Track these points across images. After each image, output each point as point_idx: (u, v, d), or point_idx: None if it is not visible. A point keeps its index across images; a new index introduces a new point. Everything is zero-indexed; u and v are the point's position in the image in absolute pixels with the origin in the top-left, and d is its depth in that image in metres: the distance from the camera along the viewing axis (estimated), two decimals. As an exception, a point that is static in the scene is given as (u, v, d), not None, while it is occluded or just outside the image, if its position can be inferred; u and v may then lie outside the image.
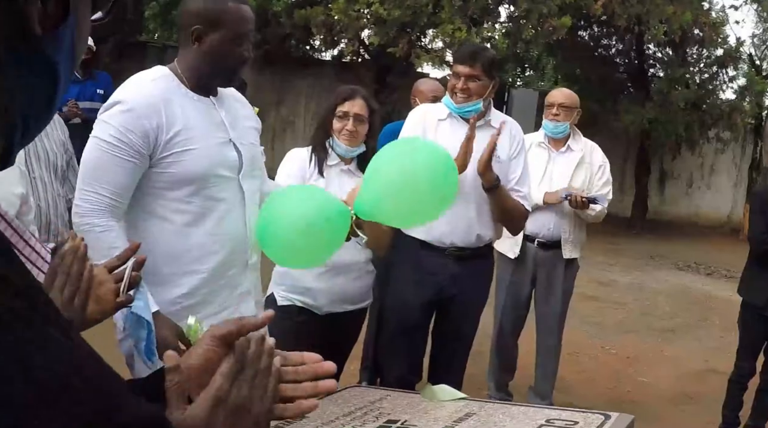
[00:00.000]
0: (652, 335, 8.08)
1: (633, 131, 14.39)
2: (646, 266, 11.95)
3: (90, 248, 2.47)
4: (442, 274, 4.12)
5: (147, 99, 2.74)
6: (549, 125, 5.19)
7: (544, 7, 12.41)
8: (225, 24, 2.79)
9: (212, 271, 2.88)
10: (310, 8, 13.64)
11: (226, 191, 2.89)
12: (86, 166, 2.75)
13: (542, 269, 5.23)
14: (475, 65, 4.01)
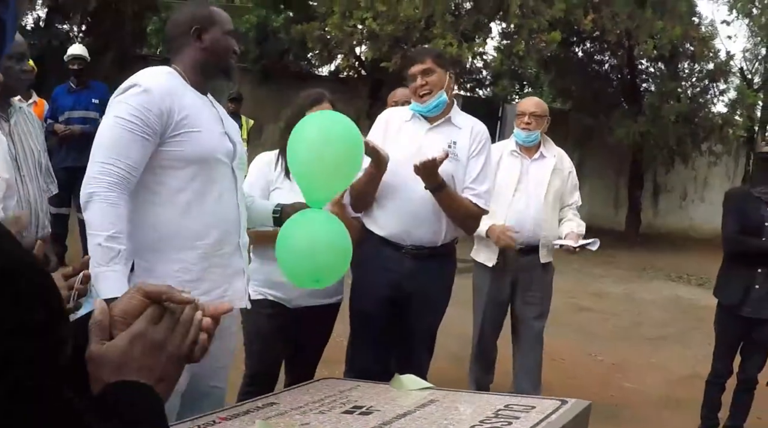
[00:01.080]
0: (641, 343, 8.16)
1: (626, 145, 14.48)
2: (639, 278, 12.05)
3: (92, 218, 2.76)
4: (399, 271, 4.17)
5: (161, 84, 2.99)
6: (521, 134, 5.19)
7: (534, 23, 12.55)
8: (217, 21, 3.18)
9: (208, 248, 3.06)
10: (307, 23, 13.78)
11: (222, 175, 3.12)
12: (104, 141, 2.91)
13: (522, 274, 5.25)
14: (425, 60, 4.16)
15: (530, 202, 5.15)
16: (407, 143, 4.16)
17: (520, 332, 5.43)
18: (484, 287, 5.32)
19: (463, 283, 9.27)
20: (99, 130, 2.98)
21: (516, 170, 5.18)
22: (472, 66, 15.81)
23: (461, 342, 7.39)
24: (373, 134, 4.30)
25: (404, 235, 4.19)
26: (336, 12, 13.08)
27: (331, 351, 4.66)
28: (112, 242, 2.78)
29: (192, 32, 3.12)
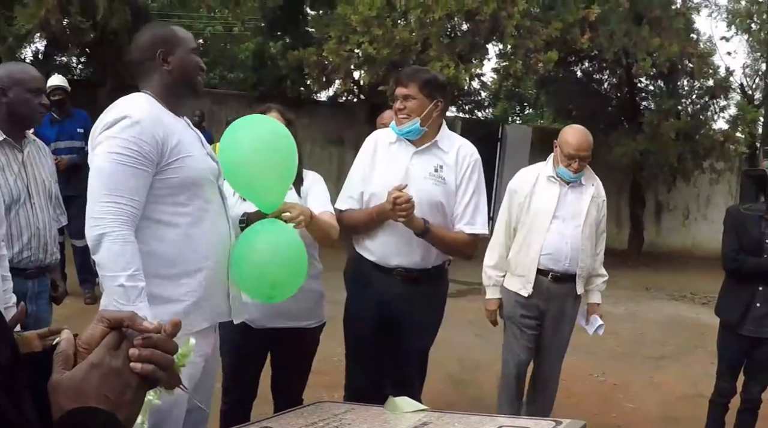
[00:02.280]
0: (642, 362, 8.08)
1: (625, 163, 14.42)
2: (641, 297, 11.96)
3: (107, 260, 2.74)
4: (389, 294, 4.19)
5: (149, 112, 2.98)
6: (567, 174, 4.93)
7: (530, 42, 12.56)
8: (180, 40, 3.16)
9: (211, 268, 3.10)
10: (303, 49, 13.79)
11: (213, 195, 3.16)
12: (101, 179, 2.88)
13: (553, 303, 5.08)
14: (410, 85, 4.15)
15: (567, 230, 4.98)
16: (394, 167, 4.18)
17: (543, 362, 5.29)
18: (516, 317, 5.12)
19: (463, 305, 9.27)
20: (93, 167, 2.94)
21: (554, 196, 4.97)
22: (469, 88, 15.81)
23: (460, 365, 7.36)
24: (362, 155, 4.34)
25: (393, 259, 4.20)
26: (332, 37, 13.09)
27: (332, 374, 4.63)
28: (134, 281, 2.79)
29: (158, 56, 3.10)
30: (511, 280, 5.11)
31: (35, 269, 4.04)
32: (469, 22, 13.19)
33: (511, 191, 5.13)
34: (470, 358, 7.55)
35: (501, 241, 5.12)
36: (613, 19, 13.26)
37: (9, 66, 4.17)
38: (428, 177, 4.16)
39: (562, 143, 4.95)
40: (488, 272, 5.16)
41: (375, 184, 4.19)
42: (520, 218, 5.03)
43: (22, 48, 14.90)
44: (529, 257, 4.98)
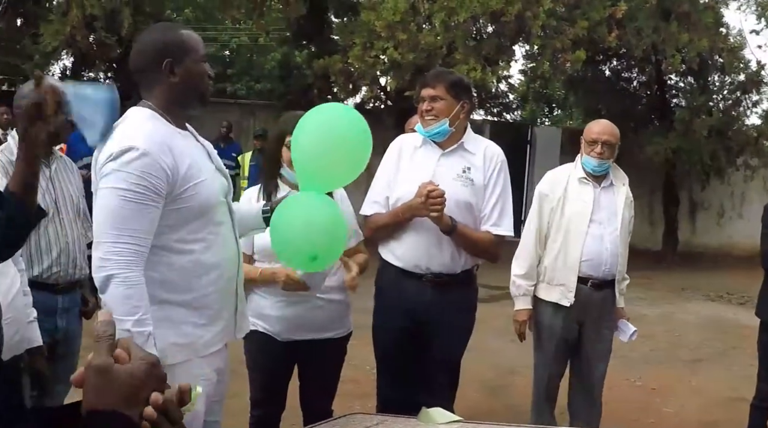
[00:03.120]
0: (679, 365, 7.93)
1: (657, 162, 14.22)
2: (677, 299, 11.77)
3: (114, 303, 2.62)
4: (419, 301, 4.12)
5: (156, 140, 2.77)
6: (592, 163, 4.79)
7: (557, 42, 12.42)
8: (189, 48, 2.91)
9: (221, 289, 3.00)
10: (329, 57, 13.75)
11: (223, 215, 3.01)
12: (106, 217, 2.73)
13: (593, 311, 4.89)
14: (437, 86, 4.10)
15: (605, 234, 4.81)
16: (420, 170, 4.11)
17: (583, 373, 5.09)
18: (556, 327, 4.91)
19: (497, 311, 9.16)
20: (98, 203, 2.76)
21: (589, 198, 4.82)
22: (497, 90, 15.71)
23: (495, 371, 7.25)
24: (387, 160, 4.29)
25: (422, 264, 4.14)
26: (357, 44, 13.03)
27: (365, 383, 4.56)
28: (140, 326, 2.67)
29: (164, 67, 2.86)
30: (548, 290, 4.90)
31: (65, 284, 4.04)
32: (494, 24, 13.08)
33: (541, 196, 4.95)
34: (505, 364, 7.44)
35: (531, 249, 4.92)
36: (641, 16, 13.11)
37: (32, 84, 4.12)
38: (456, 178, 4.10)
39: (585, 133, 4.88)
40: (517, 282, 4.95)
41: (401, 187, 4.13)
42: (553, 224, 4.86)
43: (50, 65, 14.99)
44: (568, 265, 4.80)
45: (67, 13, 13.23)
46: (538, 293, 4.94)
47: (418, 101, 4.21)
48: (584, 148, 4.86)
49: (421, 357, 4.24)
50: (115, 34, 13.55)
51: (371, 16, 12.83)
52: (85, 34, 13.35)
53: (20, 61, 13.89)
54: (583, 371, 5.09)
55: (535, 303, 4.94)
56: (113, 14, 13.24)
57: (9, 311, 2.94)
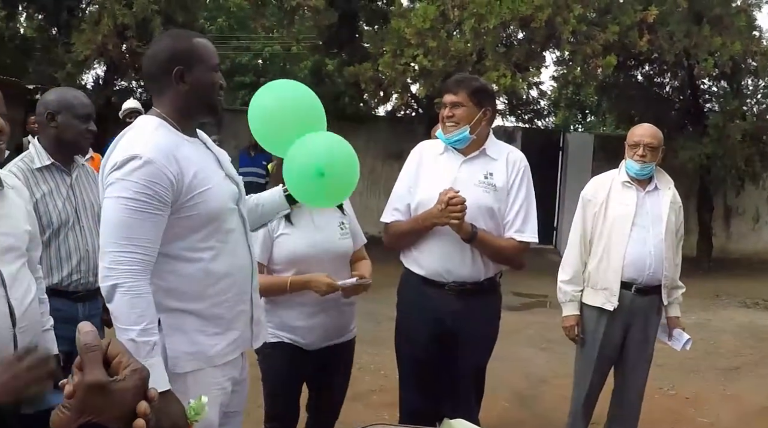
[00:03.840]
0: (714, 374, 7.80)
1: (691, 168, 14.06)
2: (712, 306, 11.63)
3: (120, 313, 2.62)
4: (443, 310, 4.09)
5: (161, 148, 2.76)
6: (635, 167, 4.76)
7: (588, 48, 12.32)
8: (200, 57, 2.90)
9: (232, 298, 2.97)
10: (359, 65, 13.75)
11: (233, 222, 2.99)
12: (112, 227, 2.73)
13: (638, 318, 4.85)
14: (459, 92, 4.06)
15: (649, 238, 4.77)
16: (442, 177, 4.08)
17: (629, 382, 5.03)
18: (599, 334, 4.88)
19: (528, 319, 9.12)
20: (104, 211, 2.78)
21: (632, 202, 4.77)
22: (528, 97, 15.63)
23: (527, 380, 7.19)
24: (407, 168, 4.27)
25: (445, 272, 4.10)
26: (387, 51, 13.02)
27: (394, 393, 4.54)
28: (146, 336, 2.67)
29: (174, 74, 2.86)
30: (593, 295, 4.87)
31: (85, 292, 4.03)
32: (524, 30, 13.02)
33: (584, 201, 4.93)
34: (536, 374, 7.37)
35: (576, 254, 4.91)
36: (672, 20, 12.97)
37: (60, 91, 4.16)
38: (478, 184, 4.06)
39: (627, 138, 4.87)
40: (564, 288, 4.95)
41: (422, 193, 4.11)
42: (596, 228, 4.84)
43: (82, 74, 15.13)
44: (611, 269, 4.77)
45: (99, 23, 13.36)
46: (583, 298, 4.92)
47: (442, 107, 4.17)
48: (627, 152, 4.84)
49: (445, 367, 4.20)
50: (147, 43, 13.63)
51: (401, 24, 12.82)
52: (117, 43, 13.47)
53: (53, 70, 14.03)
54: (624, 380, 5.04)
55: (580, 309, 4.92)
56: (144, 23, 13.34)
57: (24, 319, 2.90)
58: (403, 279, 4.32)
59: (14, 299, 2.89)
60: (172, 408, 2.62)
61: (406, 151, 3.74)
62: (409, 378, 4.31)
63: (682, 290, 5.01)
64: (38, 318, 3.11)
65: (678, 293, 4.99)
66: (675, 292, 4.96)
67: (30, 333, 2.97)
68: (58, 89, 4.23)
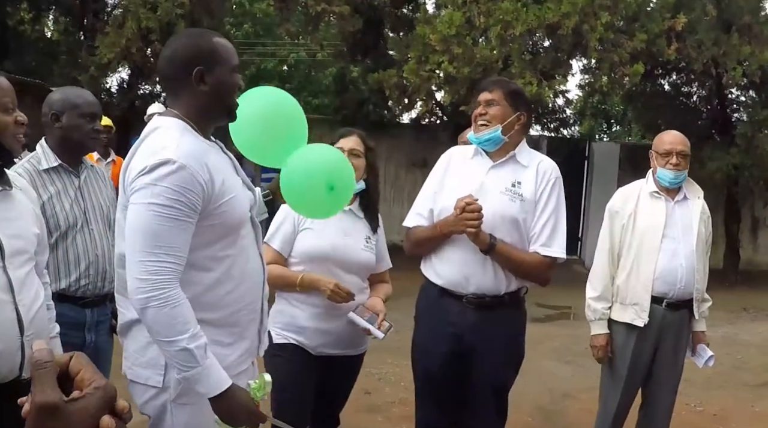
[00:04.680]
0: (743, 390, 7.64)
1: (719, 178, 13.88)
2: (739, 319, 11.46)
3: (160, 326, 2.57)
4: (460, 323, 3.92)
5: (193, 153, 2.67)
6: (668, 175, 4.61)
7: (615, 56, 12.20)
8: (221, 57, 2.80)
9: (246, 308, 2.93)
10: (383, 71, 13.69)
11: (248, 231, 2.95)
12: (142, 234, 2.61)
13: (669, 334, 4.69)
14: (494, 90, 3.94)
15: (680, 249, 4.62)
16: (468, 181, 3.93)
17: (658, 400, 4.86)
18: (628, 351, 4.71)
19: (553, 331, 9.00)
20: (132, 219, 2.65)
21: (661, 212, 4.63)
22: (554, 105, 15.52)
23: (550, 395, 7.07)
24: (435, 172, 4.14)
25: (463, 282, 3.92)
26: (412, 58, 12.94)
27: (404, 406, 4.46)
28: (196, 340, 2.60)
29: (194, 74, 2.74)
30: (621, 310, 4.70)
31: (93, 297, 3.93)
32: (550, 38, 12.92)
33: (611, 213, 4.77)
34: (560, 388, 7.25)
35: (604, 269, 4.74)
36: (701, 28, 12.83)
37: (65, 90, 4.07)
38: (504, 192, 3.90)
39: (656, 146, 4.71)
40: (592, 305, 4.76)
41: (446, 198, 3.95)
42: (625, 241, 4.68)
43: (106, 77, 15.17)
44: (641, 283, 4.61)
45: (123, 26, 13.38)
46: (611, 314, 4.74)
47: (476, 106, 4.03)
48: (657, 161, 4.67)
49: (464, 383, 4.03)
50: (171, 47, 13.66)
51: (426, 30, 12.74)
52: (141, 47, 13.48)
53: (77, 73, 14.06)
54: (653, 397, 4.88)
55: (609, 325, 4.75)
56: (169, 27, 13.34)
57: (32, 326, 2.85)
58: (422, 289, 4.17)
59: (22, 305, 2.83)
60: (240, 399, 2.69)
61: (430, 159, 3.67)
62: (424, 392, 4.17)
63: (708, 304, 4.86)
64: (46, 326, 3.05)
65: (705, 306, 4.83)
66: (703, 305, 4.80)
67: None
68: (63, 89, 4.13)
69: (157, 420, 2.86)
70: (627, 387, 4.78)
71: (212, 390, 2.61)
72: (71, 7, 16.10)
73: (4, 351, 2.75)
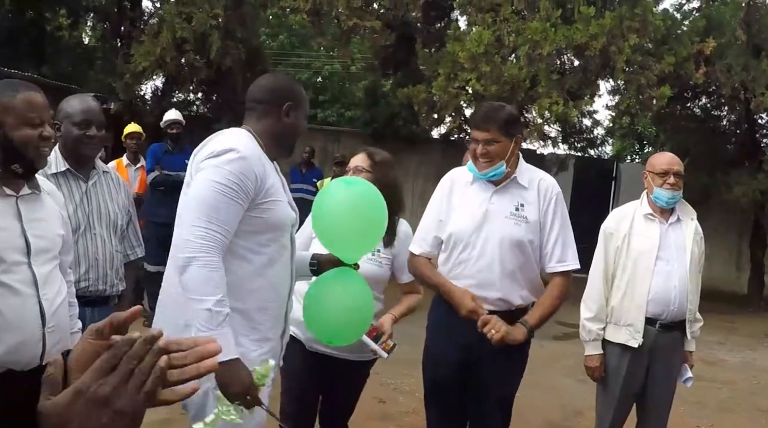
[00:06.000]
0: (756, 414, 7.64)
1: (745, 204, 13.84)
2: (759, 345, 11.38)
3: (195, 284, 2.89)
4: (470, 336, 3.96)
5: (253, 150, 3.11)
6: (665, 195, 4.65)
7: (642, 78, 12.20)
8: (305, 103, 3.36)
9: (275, 309, 3.23)
10: (413, 87, 13.80)
11: (288, 242, 3.28)
12: (200, 205, 2.96)
13: (661, 355, 4.74)
14: (490, 129, 3.96)
15: (673, 271, 4.65)
16: (473, 208, 4.04)
17: (650, 418, 4.89)
18: (621, 372, 4.75)
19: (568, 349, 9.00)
20: (193, 191, 3.03)
21: (655, 234, 4.68)
22: (581, 125, 15.53)
23: (562, 411, 7.12)
24: (438, 196, 4.23)
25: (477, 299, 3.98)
26: (441, 74, 13.02)
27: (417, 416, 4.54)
28: (220, 306, 2.86)
29: (284, 107, 3.23)
30: (616, 331, 4.74)
31: (95, 297, 4.07)
32: (578, 58, 12.95)
33: (605, 234, 4.81)
34: (572, 405, 7.29)
35: (599, 290, 4.78)
36: (730, 53, 12.82)
37: (67, 99, 4.22)
38: (509, 216, 3.99)
39: (651, 167, 4.76)
40: (587, 326, 4.80)
41: (454, 224, 4.06)
42: (619, 263, 4.72)
43: (140, 85, 15.41)
44: (635, 304, 4.66)
45: (158, 35, 13.61)
46: (605, 334, 4.78)
47: (472, 140, 4.07)
48: (652, 181, 4.72)
49: (472, 393, 4.14)
50: (205, 57, 13.87)
51: (456, 47, 12.81)
52: (175, 56, 13.70)
53: (112, 80, 14.31)
54: (647, 416, 4.91)
55: (603, 345, 4.80)
56: (203, 38, 13.56)
57: (53, 319, 3.05)
58: (434, 302, 4.26)
59: (45, 299, 3.03)
60: (241, 374, 2.90)
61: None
62: (433, 402, 4.27)
63: (700, 324, 4.89)
64: (67, 320, 3.22)
65: (696, 326, 4.87)
66: (694, 326, 4.84)
67: (58, 334, 3.10)
68: (67, 98, 4.27)
69: (200, 407, 3.11)
70: (620, 406, 4.82)
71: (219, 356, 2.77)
72: (109, 15, 16.38)
73: (27, 340, 2.94)
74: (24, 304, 2.95)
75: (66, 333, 3.19)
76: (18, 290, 2.93)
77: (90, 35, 19.10)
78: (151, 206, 9.42)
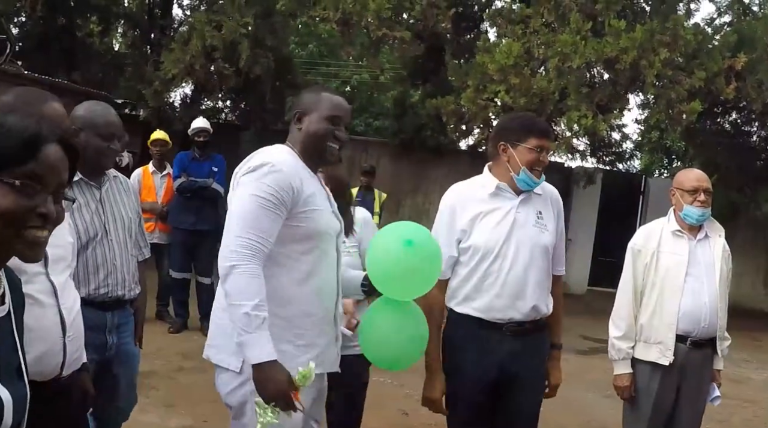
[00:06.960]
0: (782, 434, 7.54)
1: (775, 220, 13.74)
2: (787, 363, 11.22)
3: (235, 290, 3.02)
4: (501, 352, 3.98)
5: (289, 163, 3.26)
6: (696, 213, 4.62)
7: (672, 92, 12.11)
8: (318, 107, 3.38)
9: (319, 316, 3.32)
10: (442, 98, 13.79)
11: (331, 249, 3.38)
12: (242, 217, 3.12)
13: (691, 373, 4.70)
14: (551, 139, 4.16)
15: (703, 288, 4.62)
16: (499, 219, 4.02)
17: None
18: (652, 391, 4.69)
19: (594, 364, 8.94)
20: (235, 205, 3.19)
21: (684, 251, 4.65)
22: (609, 139, 15.45)
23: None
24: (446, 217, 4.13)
25: (506, 311, 3.98)
26: (470, 86, 13.00)
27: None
28: (258, 311, 2.98)
29: (294, 115, 3.42)
30: (645, 349, 4.70)
31: (113, 302, 4.05)
32: (608, 71, 12.88)
33: (634, 251, 4.78)
34: (597, 420, 7.24)
35: (628, 308, 4.74)
36: (762, 68, 12.68)
37: (88, 106, 4.11)
38: (535, 224, 4.05)
39: (680, 184, 4.72)
40: (616, 345, 4.75)
41: (479, 236, 4.00)
42: (648, 280, 4.69)
43: (169, 92, 15.52)
44: (665, 322, 4.61)
45: (188, 43, 13.70)
46: (635, 353, 4.74)
47: (538, 149, 4.00)
48: (682, 198, 4.68)
49: (500, 412, 4.11)
50: (234, 65, 13.95)
51: (485, 59, 12.78)
52: (204, 64, 13.79)
53: (142, 87, 14.41)
54: None
55: (632, 364, 4.75)
56: (233, 46, 13.62)
57: (72, 327, 3.12)
58: (451, 321, 4.15)
59: (65, 308, 3.07)
60: (277, 376, 2.98)
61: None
62: (459, 421, 4.17)
63: (728, 342, 4.85)
64: (82, 328, 3.25)
65: (725, 344, 4.82)
66: (723, 343, 4.80)
67: (77, 342, 3.14)
68: (87, 104, 4.15)
69: (240, 408, 3.22)
70: (651, 426, 4.74)
71: (255, 358, 2.97)
72: (139, 22, 16.51)
73: (49, 350, 2.99)
74: (46, 314, 3.00)
75: (82, 342, 3.24)
76: (40, 300, 2.98)
77: (120, 42, 19.26)
78: (177, 213, 9.48)
